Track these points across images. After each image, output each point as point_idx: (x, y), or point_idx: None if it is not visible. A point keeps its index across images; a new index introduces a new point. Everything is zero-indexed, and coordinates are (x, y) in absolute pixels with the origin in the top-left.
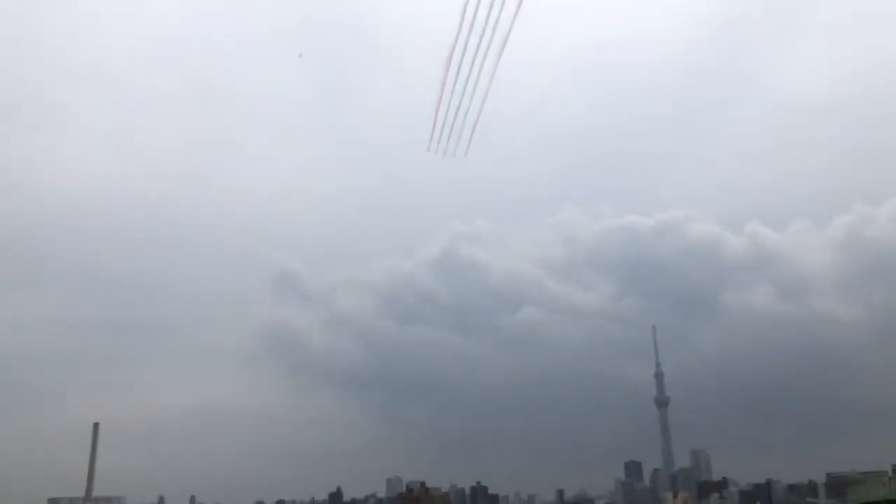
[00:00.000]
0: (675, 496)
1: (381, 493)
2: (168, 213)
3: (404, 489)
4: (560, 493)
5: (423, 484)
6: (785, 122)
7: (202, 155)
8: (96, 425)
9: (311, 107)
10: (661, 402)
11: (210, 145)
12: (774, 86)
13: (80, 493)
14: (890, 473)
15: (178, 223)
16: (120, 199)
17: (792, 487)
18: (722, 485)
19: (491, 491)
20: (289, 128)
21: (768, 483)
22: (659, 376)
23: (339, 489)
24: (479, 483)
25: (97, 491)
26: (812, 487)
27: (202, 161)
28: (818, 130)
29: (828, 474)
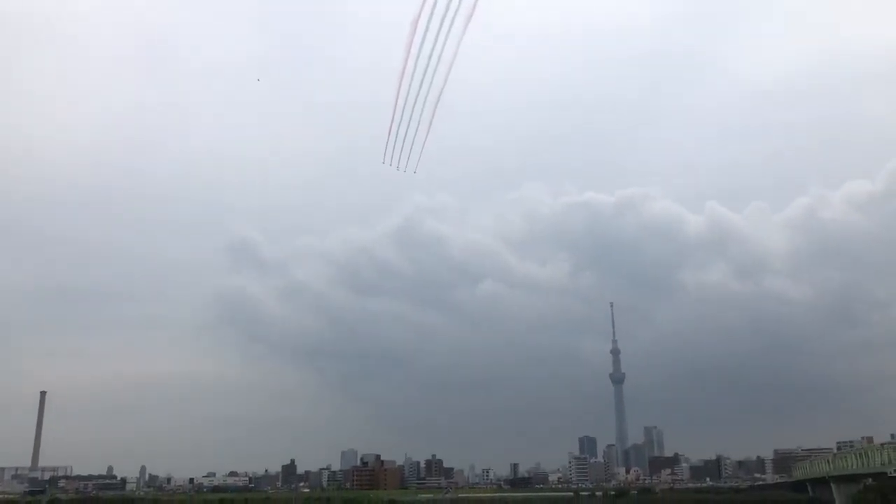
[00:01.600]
0: (627, 471)
1: (336, 466)
2: (122, 179)
3: (359, 462)
4: (514, 466)
5: (377, 457)
6: (746, 104)
7: (157, 120)
8: (43, 394)
9: (271, 73)
10: (617, 379)
11: (166, 110)
12: (737, 68)
13: (26, 462)
14: (835, 450)
15: (132, 188)
16: (71, 162)
17: (741, 463)
18: (673, 461)
19: (446, 464)
20: (247, 94)
21: (718, 459)
22: (615, 353)
23: (292, 461)
24: (434, 456)
25: (44, 461)
26: (760, 463)
27: (157, 126)
28: (779, 113)
29: (775, 451)
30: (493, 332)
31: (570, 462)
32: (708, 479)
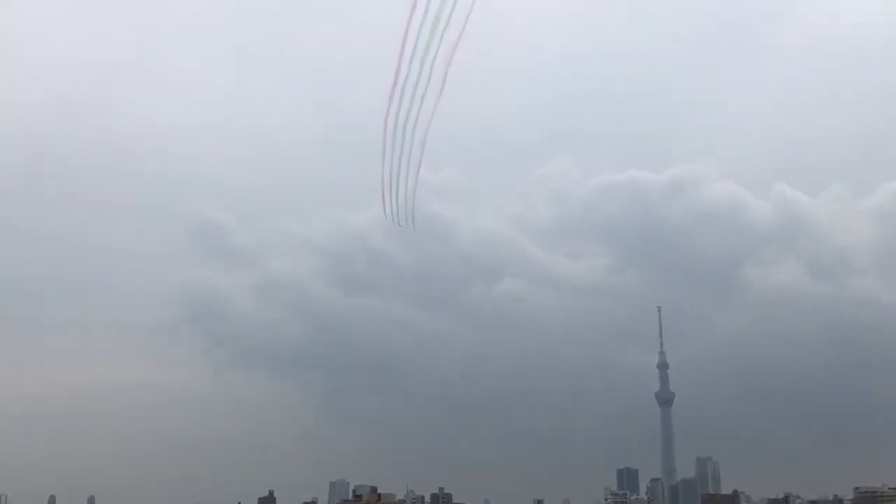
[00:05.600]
0: None
1: (324, 499)
2: (67, 152)
3: (350, 495)
4: (539, 503)
5: (373, 489)
6: (826, 68)
7: (107, 82)
8: None
9: (244, 24)
10: (664, 399)
11: (118, 70)
12: (815, 24)
13: None
14: None
15: (80, 163)
16: (10, 134)
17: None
18: (732, 499)
19: (455, 499)
20: (215, 50)
21: (787, 498)
22: (662, 367)
23: (271, 493)
24: (441, 490)
25: None
26: (838, 503)
27: (107, 89)
28: (864, 79)
29: (856, 489)
30: (512, 339)
31: (606, 498)
32: None
